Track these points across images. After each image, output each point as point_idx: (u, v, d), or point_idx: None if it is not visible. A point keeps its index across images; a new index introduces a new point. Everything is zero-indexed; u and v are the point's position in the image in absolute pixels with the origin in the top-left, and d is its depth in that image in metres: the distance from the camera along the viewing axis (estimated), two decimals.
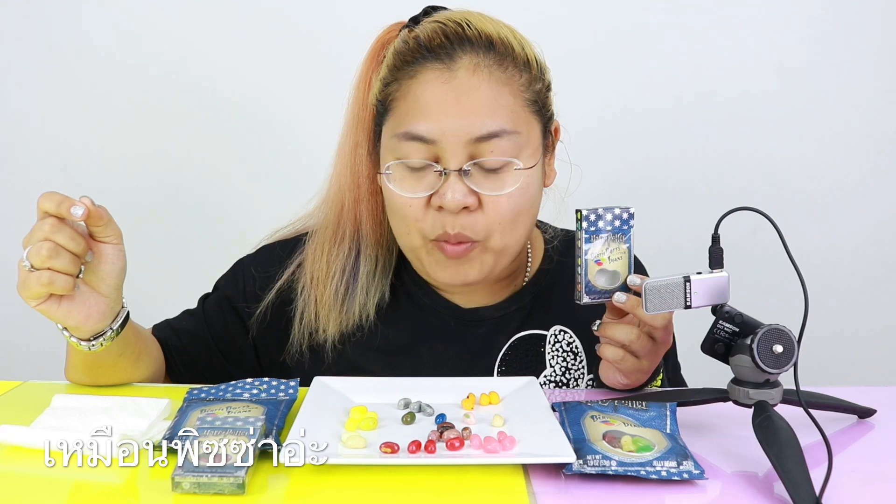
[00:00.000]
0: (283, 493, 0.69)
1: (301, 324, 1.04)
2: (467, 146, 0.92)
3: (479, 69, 0.93)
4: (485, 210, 0.94)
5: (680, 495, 0.70)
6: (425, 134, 0.92)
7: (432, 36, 0.95)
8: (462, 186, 0.93)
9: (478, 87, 0.93)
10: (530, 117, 0.97)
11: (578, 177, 1.05)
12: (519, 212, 0.96)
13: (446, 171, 0.93)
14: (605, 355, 0.90)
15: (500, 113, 0.93)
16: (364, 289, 1.03)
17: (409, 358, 1.05)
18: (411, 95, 0.94)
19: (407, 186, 0.95)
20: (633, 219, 0.87)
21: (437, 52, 0.94)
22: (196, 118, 1.75)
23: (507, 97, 0.94)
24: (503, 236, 0.96)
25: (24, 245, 0.82)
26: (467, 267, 0.97)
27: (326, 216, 1.05)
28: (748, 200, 0.82)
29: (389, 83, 0.97)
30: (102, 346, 0.90)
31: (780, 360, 0.75)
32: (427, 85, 0.94)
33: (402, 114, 0.95)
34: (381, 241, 1.05)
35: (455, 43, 0.94)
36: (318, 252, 1.04)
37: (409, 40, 0.97)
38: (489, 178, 0.94)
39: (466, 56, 0.94)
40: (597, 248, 0.87)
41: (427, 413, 0.84)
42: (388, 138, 0.97)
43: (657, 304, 0.82)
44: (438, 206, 0.94)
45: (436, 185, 0.94)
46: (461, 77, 0.93)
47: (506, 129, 0.93)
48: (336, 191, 1.04)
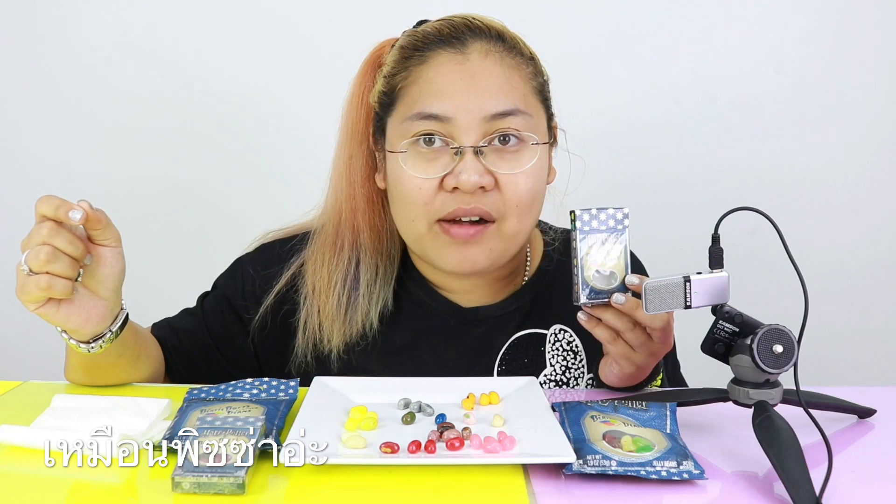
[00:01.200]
0: (283, 493, 0.69)
1: (305, 334, 1.04)
2: (482, 124, 0.93)
3: (490, 54, 0.96)
4: (502, 190, 0.94)
5: (680, 495, 0.70)
6: (440, 112, 0.93)
7: (441, 28, 0.97)
8: (478, 165, 0.93)
9: (490, 69, 0.95)
10: (538, 105, 0.99)
11: (578, 177, 1.06)
12: (535, 194, 0.97)
13: (461, 149, 0.93)
14: (598, 334, 0.89)
15: (513, 94, 0.95)
16: (366, 297, 1.03)
17: (409, 357, 1.05)
18: (423, 78, 0.95)
19: (420, 168, 0.95)
20: (627, 218, 0.87)
21: (447, 39, 0.96)
22: (195, 119, 1.75)
23: (517, 80, 0.96)
24: (519, 220, 0.96)
25: (23, 249, 0.82)
26: (476, 251, 0.96)
27: (325, 226, 1.05)
28: (748, 200, 0.82)
29: (396, 73, 0.98)
30: (102, 348, 0.90)
31: (780, 360, 0.75)
32: (440, 68, 0.95)
33: (415, 96, 0.95)
34: (381, 248, 1.05)
35: (465, 32, 0.96)
36: (318, 263, 1.04)
37: (415, 34, 0.99)
38: (505, 158, 0.94)
39: (477, 42, 0.96)
40: (592, 249, 0.87)
41: (427, 413, 0.84)
42: (398, 124, 0.97)
43: (657, 304, 0.82)
44: (452, 188, 0.93)
45: (450, 166, 0.93)
46: (473, 60, 0.95)
47: (519, 108, 0.94)
48: (333, 202, 1.05)
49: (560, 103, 1.04)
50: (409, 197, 0.96)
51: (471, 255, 0.96)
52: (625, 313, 0.87)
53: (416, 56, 0.97)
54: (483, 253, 0.97)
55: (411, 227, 0.98)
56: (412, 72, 0.96)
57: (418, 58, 0.97)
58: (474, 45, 0.96)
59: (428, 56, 0.96)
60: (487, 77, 0.94)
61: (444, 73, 0.95)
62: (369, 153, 1.04)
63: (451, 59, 0.95)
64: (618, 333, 0.88)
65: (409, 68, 0.97)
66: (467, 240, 0.95)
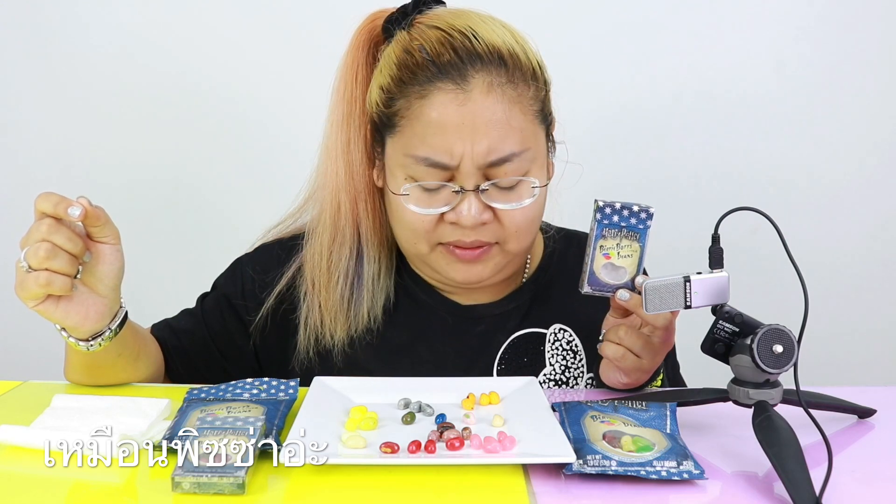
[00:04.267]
0: (283, 493, 0.69)
1: (306, 331, 1.03)
2: (482, 169, 0.93)
3: (492, 89, 0.92)
4: (502, 222, 0.96)
5: (680, 495, 0.70)
6: (443, 161, 0.92)
7: (440, 51, 0.93)
8: (478, 203, 0.94)
9: (492, 109, 0.92)
10: (538, 129, 0.97)
11: (577, 176, 1.06)
12: (533, 219, 0.98)
13: (463, 189, 0.93)
14: (606, 353, 0.91)
15: (512, 136, 0.93)
16: (370, 291, 1.03)
17: (409, 356, 1.05)
18: (424, 118, 0.93)
19: (422, 204, 0.95)
20: (651, 219, 0.87)
21: (447, 70, 0.92)
22: (194, 118, 1.75)
23: (518, 117, 0.94)
24: (519, 241, 0.98)
25: (22, 246, 0.82)
26: (481, 267, 0.98)
27: (322, 218, 1.03)
28: (748, 200, 0.82)
29: (395, 98, 0.95)
30: (101, 347, 0.90)
31: (780, 360, 0.75)
32: (442, 108, 0.92)
33: (417, 136, 0.93)
34: (383, 241, 1.04)
35: (466, 60, 0.92)
36: (317, 256, 1.03)
37: (413, 52, 0.94)
38: (505, 194, 0.95)
39: (479, 75, 0.92)
40: (607, 241, 0.88)
41: (427, 413, 0.84)
42: (399, 155, 0.96)
43: (657, 304, 0.82)
44: (453, 221, 0.95)
45: (451, 202, 0.94)
46: (476, 99, 0.92)
47: (516, 151, 0.93)
48: (331, 190, 1.02)
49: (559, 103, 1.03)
50: (409, 225, 0.96)
51: (476, 271, 0.98)
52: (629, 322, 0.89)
53: (415, 86, 0.93)
54: (488, 269, 0.99)
55: (413, 247, 0.99)
56: (412, 104, 0.94)
57: (417, 90, 0.93)
58: (475, 80, 0.92)
59: (428, 91, 0.93)
60: (489, 119, 0.92)
61: (446, 114, 0.92)
62: (369, 137, 1.00)
63: (452, 98, 0.92)
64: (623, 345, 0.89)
65: (409, 98, 0.94)
66: (472, 260, 0.97)
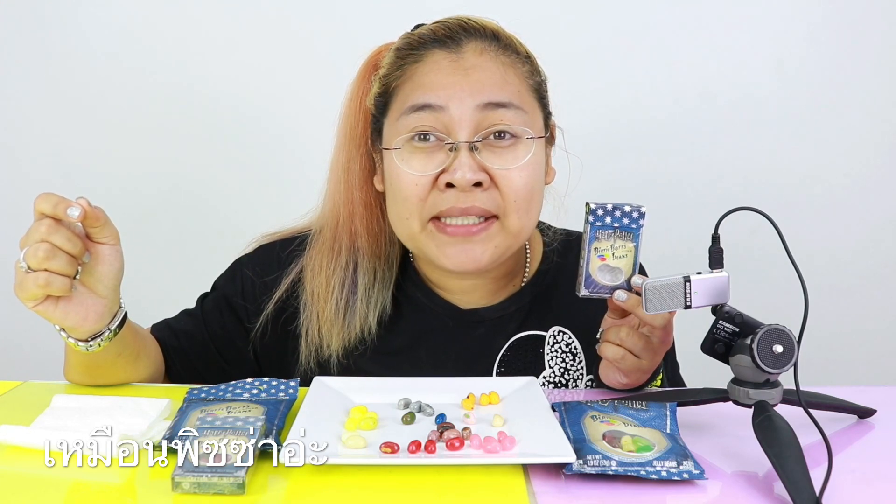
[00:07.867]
0: (283, 493, 0.69)
1: (307, 341, 1.04)
2: (475, 114, 0.93)
3: (485, 52, 0.96)
4: (499, 186, 0.94)
5: (680, 495, 0.70)
6: (433, 101, 0.93)
7: (436, 30, 0.98)
8: (472, 162, 0.93)
9: (485, 65, 0.95)
10: (534, 103, 0.99)
11: (578, 176, 1.06)
12: (532, 189, 0.96)
13: (456, 145, 0.93)
14: (606, 354, 0.91)
15: (507, 88, 0.95)
16: (364, 302, 1.03)
17: (408, 359, 1.05)
18: (417, 75, 0.96)
19: (415, 164, 0.94)
20: (643, 218, 0.87)
21: (442, 40, 0.97)
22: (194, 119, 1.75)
23: (512, 77, 0.96)
24: (520, 216, 0.95)
25: (21, 246, 0.82)
26: (479, 248, 0.95)
27: (323, 231, 1.05)
28: (748, 200, 0.82)
29: (390, 73, 0.98)
30: (100, 347, 0.90)
31: (780, 360, 0.75)
32: (434, 65, 0.95)
33: (409, 91, 0.96)
34: (379, 253, 1.05)
35: (460, 32, 0.97)
36: (316, 268, 1.04)
37: (410, 35, 1.00)
38: (500, 153, 0.94)
39: (472, 42, 0.96)
40: (601, 243, 0.87)
41: (427, 413, 0.84)
42: (393, 122, 0.97)
43: (657, 304, 0.82)
44: (447, 185, 0.93)
45: (445, 162, 0.93)
46: (468, 58, 0.95)
47: (513, 102, 0.94)
48: (331, 206, 1.05)
49: (559, 103, 1.04)
50: (404, 193, 0.95)
51: (473, 252, 0.95)
52: (628, 323, 0.89)
53: (410, 56, 0.97)
54: (488, 250, 0.96)
55: (405, 225, 0.97)
56: (406, 70, 0.97)
57: (413, 57, 0.97)
58: (469, 45, 0.96)
59: (423, 55, 0.97)
60: (482, 71, 0.94)
61: (437, 68, 0.95)
62: (367, 157, 1.04)
63: (445, 56, 0.96)
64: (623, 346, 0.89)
65: (404, 67, 0.97)
66: (470, 236, 0.95)
